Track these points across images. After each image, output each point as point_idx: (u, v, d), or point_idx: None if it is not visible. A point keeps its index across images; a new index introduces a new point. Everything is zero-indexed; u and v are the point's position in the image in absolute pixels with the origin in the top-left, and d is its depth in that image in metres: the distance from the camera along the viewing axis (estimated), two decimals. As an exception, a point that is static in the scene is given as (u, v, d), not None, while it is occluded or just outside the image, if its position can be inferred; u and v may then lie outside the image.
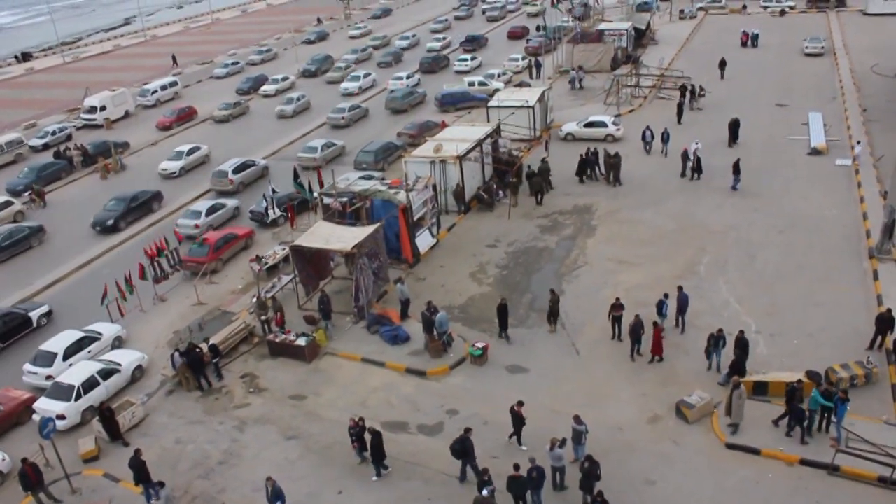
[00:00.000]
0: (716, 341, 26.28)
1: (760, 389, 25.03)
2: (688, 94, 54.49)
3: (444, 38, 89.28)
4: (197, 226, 41.58)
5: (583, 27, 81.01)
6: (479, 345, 28.56)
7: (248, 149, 55.11)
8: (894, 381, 25.30)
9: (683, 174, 42.59)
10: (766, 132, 49.47)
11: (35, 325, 34.04)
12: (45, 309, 34.82)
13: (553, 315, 29.89)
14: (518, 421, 23.47)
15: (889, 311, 27.10)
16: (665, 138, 44.92)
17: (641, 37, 77.89)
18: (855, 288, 31.12)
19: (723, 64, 62.73)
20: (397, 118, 60.59)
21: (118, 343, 31.87)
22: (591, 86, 62.58)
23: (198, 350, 28.59)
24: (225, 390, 28.55)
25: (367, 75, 72.33)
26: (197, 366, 28.40)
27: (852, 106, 54.05)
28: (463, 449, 22.34)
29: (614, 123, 50.64)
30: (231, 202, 44.48)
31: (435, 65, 76.53)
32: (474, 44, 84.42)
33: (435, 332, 28.77)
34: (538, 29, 74.94)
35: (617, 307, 28.63)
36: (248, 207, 43.56)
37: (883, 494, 21.10)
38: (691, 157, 42.49)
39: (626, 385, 26.33)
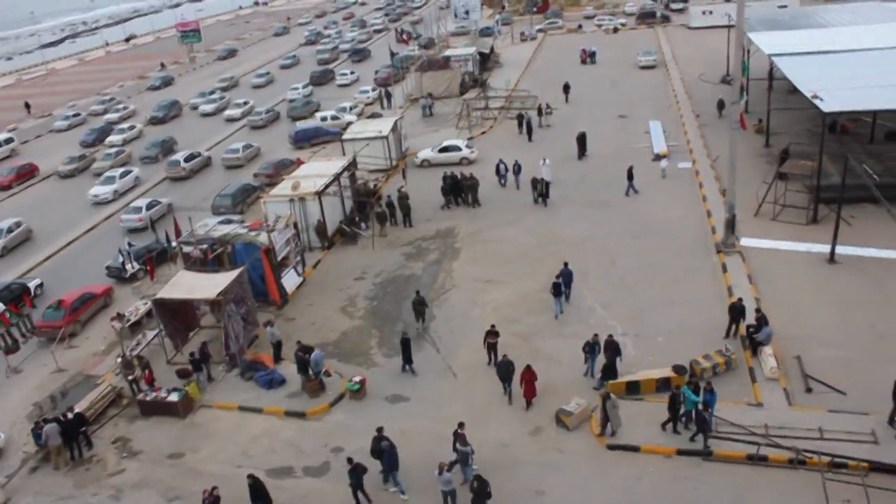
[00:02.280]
0: (591, 347, 27.22)
1: (633, 389, 26.14)
2: (524, 123, 55.24)
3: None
4: (140, 219, 46.72)
5: (429, 55, 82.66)
6: (357, 379, 28.43)
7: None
8: (751, 364, 26.96)
9: (536, 201, 42.91)
10: (612, 143, 51.89)
11: (33, 293, 39.16)
12: (38, 281, 40.82)
13: (419, 315, 31.80)
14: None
15: (739, 300, 29.06)
16: (517, 170, 45.12)
17: (486, 61, 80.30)
18: (707, 282, 33.00)
19: (566, 88, 64.42)
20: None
21: (-31, 424, 29.72)
22: (442, 112, 63.81)
23: (63, 418, 27.05)
24: (96, 459, 27.07)
25: (246, 102, 75.85)
26: (69, 434, 26.81)
27: (686, 112, 57.55)
28: (381, 448, 23.24)
29: (468, 146, 51.84)
30: (165, 200, 49.84)
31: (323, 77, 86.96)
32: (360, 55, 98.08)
33: (311, 372, 28.45)
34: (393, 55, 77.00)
35: (492, 334, 28.70)
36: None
37: (753, 470, 22.43)
38: (539, 185, 42.86)
39: (505, 402, 26.82)
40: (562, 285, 31.87)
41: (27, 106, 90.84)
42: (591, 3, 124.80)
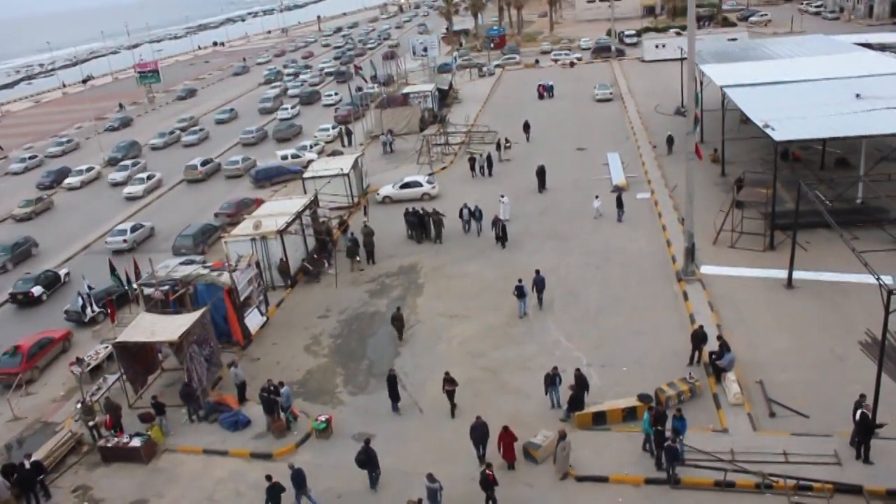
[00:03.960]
0: (552, 379, 27.30)
1: (600, 419, 26.26)
2: (477, 166, 55.10)
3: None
4: (125, 240, 49.46)
5: (388, 92, 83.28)
6: (323, 418, 28.17)
7: (56, 246, 52.22)
8: (715, 391, 27.23)
9: (497, 240, 42.41)
10: (572, 175, 52.56)
11: (62, 280, 45.54)
12: (66, 270, 46.59)
13: (399, 331, 33.56)
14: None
15: (701, 327, 29.47)
16: (478, 216, 44.08)
17: (445, 96, 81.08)
18: (669, 311, 33.38)
19: (527, 126, 64.19)
20: (282, 145, 71.91)
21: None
22: (402, 148, 64.19)
23: (19, 468, 26.35)
24: (55, 509, 26.48)
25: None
26: (26, 484, 26.08)
27: (644, 143, 58.55)
28: (367, 458, 24.02)
29: (429, 182, 52.14)
30: (148, 223, 52.63)
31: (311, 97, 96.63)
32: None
33: (281, 407, 28.26)
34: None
35: (448, 381, 28.08)
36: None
37: (721, 497, 22.56)
38: (496, 226, 42.51)
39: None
40: (524, 287, 33.90)
41: None
42: (547, 38, 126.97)
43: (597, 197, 45.05)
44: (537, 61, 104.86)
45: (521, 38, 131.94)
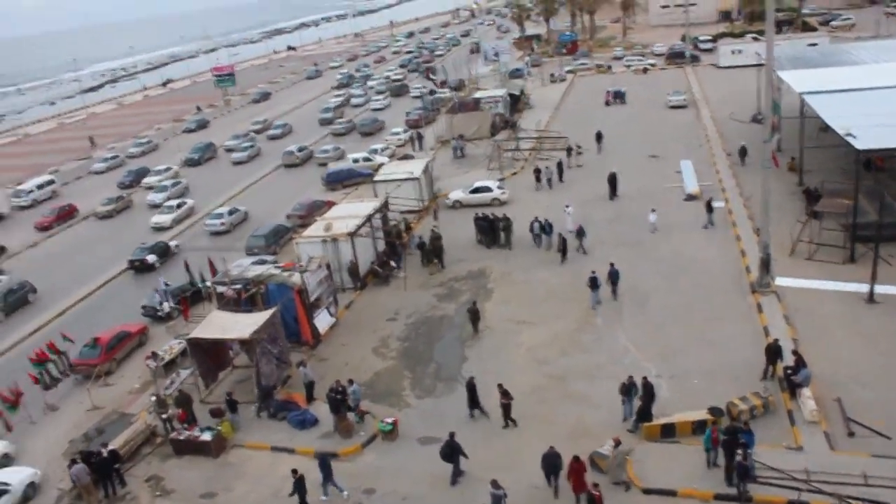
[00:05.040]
0: (627, 389, 26.92)
1: (668, 431, 25.77)
2: (542, 176, 54.12)
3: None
4: (223, 223, 53.72)
5: (460, 97, 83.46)
6: (389, 420, 28.34)
7: (135, 240, 53.82)
8: (789, 407, 26.46)
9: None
10: (643, 182, 51.79)
11: (172, 251, 50.62)
12: (176, 242, 51.93)
13: (475, 324, 34.36)
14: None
15: (776, 341, 28.60)
16: (548, 230, 42.85)
17: (517, 102, 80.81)
18: (742, 323, 32.59)
19: (599, 136, 62.47)
20: (367, 140, 76.13)
21: (6, 461, 29.89)
22: (473, 153, 64.21)
23: (97, 456, 27.21)
24: (129, 497, 27.17)
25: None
26: (103, 471, 26.99)
27: (718, 151, 57.40)
28: (451, 451, 24.32)
29: (499, 187, 52.01)
30: (243, 208, 56.40)
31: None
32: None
33: (350, 402, 28.63)
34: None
35: (504, 394, 27.65)
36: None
37: (792, 518, 21.87)
38: (560, 240, 41.43)
39: (539, 443, 26.47)
40: (598, 279, 34.86)
41: (91, 141, 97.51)
42: (619, 43, 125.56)
43: (653, 210, 44.11)
44: (609, 67, 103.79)
45: (594, 43, 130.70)
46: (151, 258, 49.09)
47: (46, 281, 48.91)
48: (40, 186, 72.59)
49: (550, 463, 23.73)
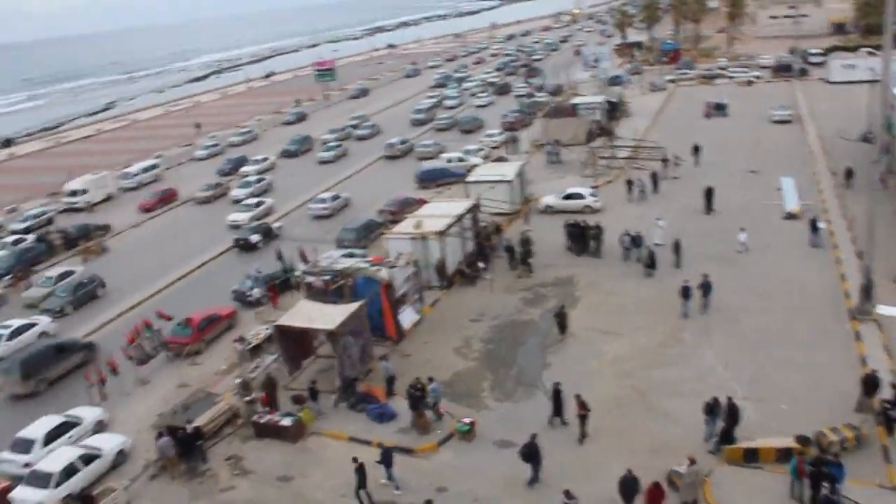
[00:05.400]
0: (710, 409, 26.21)
1: (751, 457, 24.95)
2: (634, 188, 52.75)
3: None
4: (326, 208, 57.27)
5: (557, 101, 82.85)
6: (467, 420, 28.34)
7: (227, 230, 55.49)
8: (885, 443, 25.28)
9: (651, 270, 40.30)
10: (741, 198, 50.31)
11: (274, 232, 52.99)
12: (279, 224, 54.67)
13: (562, 327, 34.34)
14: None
15: (874, 371, 27.32)
16: (639, 243, 41.73)
17: (615, 109, 79.66)
18: (838, 350, 31.30)
19: (696, 149, 60.36)
20: (467, 137, 78.53)
21: (100, 427, 31.28)
22: (567, 158, 63.61)
23: (183, 431, 28.15)
24: (210, 473, 28.01)
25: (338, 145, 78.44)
26: (187, 447, 27.95)
27: (822, 170, 55.32)
28: (530, 452, 24.46)
29: (592, 195, 51.39)
30: (345, 194, 59.93)
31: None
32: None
33: (429, 400, 28.77)
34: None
35: (581, 405, 27.15)
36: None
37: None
38: (646, 254, 40.60)
39: (616, 456, 26.09)
40: (690, 289, 34.76)
41: (198, 126, 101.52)
42: (724, 54, 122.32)
43: (743, 230, 42.66)
44: (712, 78, 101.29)
45: (697, 52, 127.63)
46: (255, 238, 51.58)
47: (143, 261, 50.95)
48: (146, 170, 75.76)
49: (628, 488, 23.04)
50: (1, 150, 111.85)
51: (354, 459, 25.25)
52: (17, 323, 40.56)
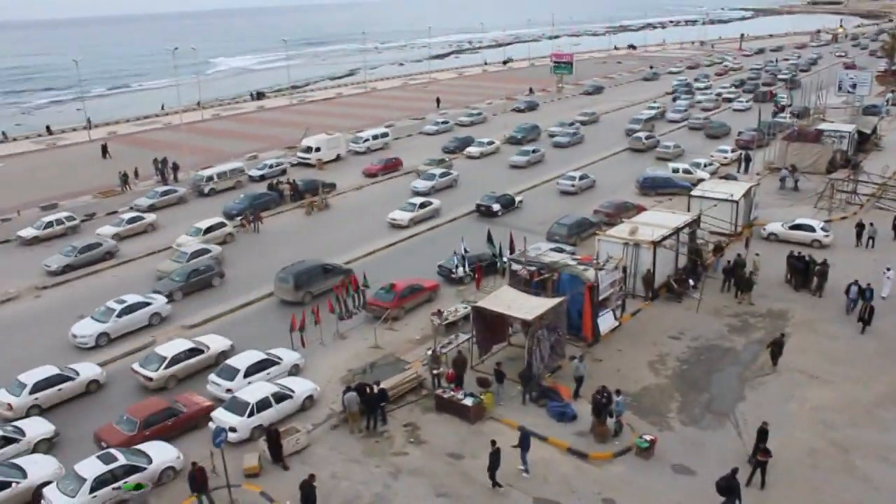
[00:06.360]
0: None
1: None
2: (864, 235, 47.32)
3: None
4: (573, 185, 60.73)
5: (800, 125, 77.72)
6: (648, 437, 27.45)
7: (445, 206, 56.90)
8: None
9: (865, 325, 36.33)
10: None
11: (516, 203, 56.83)
12: (520, 198, 58.37)
13: (774, 358, 32.69)
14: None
15: None
16: (868, 296, 37.27)
17: (865, 141, 73.54)
18: None
19: None
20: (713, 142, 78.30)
21: (295, 371, 33.39)
22: (803, 187, 59.60)
23: (369, 390, 29.28)
24: (386, 435, 29.01)
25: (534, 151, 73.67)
26: (371, 406, 29.14)
27: None
28: (729, 486, 23.46)
29: (823, 229, 47.75)
30: (592, 176, 63.40)
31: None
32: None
33: (613, 409, 28.18)
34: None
35: (763, 451, 25.46)
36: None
37: None
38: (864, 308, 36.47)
39: (804, 510, 24.29)
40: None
41: (438, 101, 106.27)
42: None
43: (888, 269, 38.46)
44: None
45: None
46: (496, 207, 54.90)
47: (361, 222, 53.35)
48: (375, 137, 79.21)
49: None
50: (252, 101, 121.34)
51: (492, 443, 25.58)
52: (132, 299, 38.55)
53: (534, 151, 72.73)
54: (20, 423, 29.20)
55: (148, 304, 38.75)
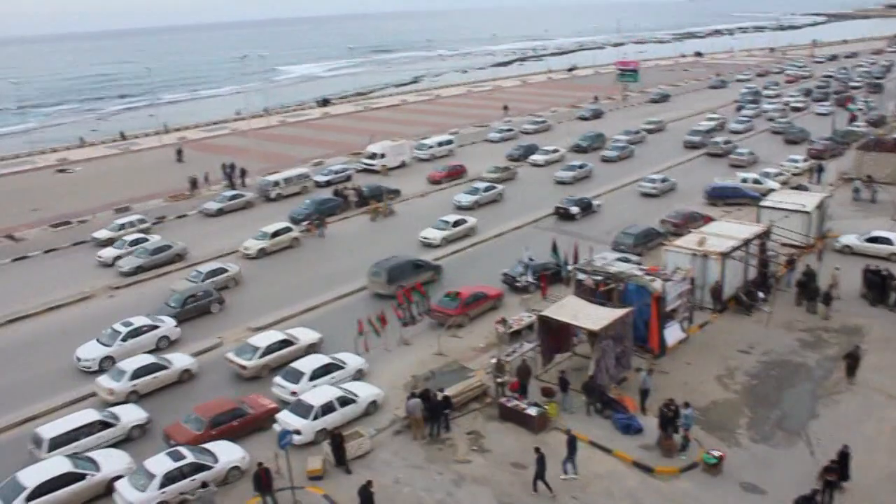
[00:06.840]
0: None
1: None
2: None
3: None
4: (654, 188, 61.54)
5: (877, 134, 75.44)
6: (716, 453, 26.84)
7: (511, 213, 56.66)
8: None
9: None
10: None
11: (593, 207, 57.50)
12: (599, 202, 58.77)
13: (851, 370, 31.91)
14: None
15: None
16: None
17: (947, 153, 70.91)
18: None
19: None
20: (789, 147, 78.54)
21: (359, 375, 33.64)
22: (880, 198, 57.82)
23: (433, 397, 29.29)
24: (449, 442, 28.97)
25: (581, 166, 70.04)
26: (435, 413, 29.17)
27: None
28: None
29: (903, 242, 46.18)
30: (672, 179, 63.89)
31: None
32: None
33: (680, 423, 27.72)
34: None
35: (831, 471, 24.68)
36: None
37: None
38: None
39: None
40: None
41: (505, 108, 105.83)
42: None
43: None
44: None
45: None
46: (574, 210, 55.81)
47: (419, 229, 53.08)
48: (440, 144, 79.60)
49: None
50: (318, 108, 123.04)
51: (536, 450, 25.72)
52: (139, 322, 37.33)
53: (580, 167, 69.02)
54: (116, 410, 30.41)
55: (156, 326, 37.53)
